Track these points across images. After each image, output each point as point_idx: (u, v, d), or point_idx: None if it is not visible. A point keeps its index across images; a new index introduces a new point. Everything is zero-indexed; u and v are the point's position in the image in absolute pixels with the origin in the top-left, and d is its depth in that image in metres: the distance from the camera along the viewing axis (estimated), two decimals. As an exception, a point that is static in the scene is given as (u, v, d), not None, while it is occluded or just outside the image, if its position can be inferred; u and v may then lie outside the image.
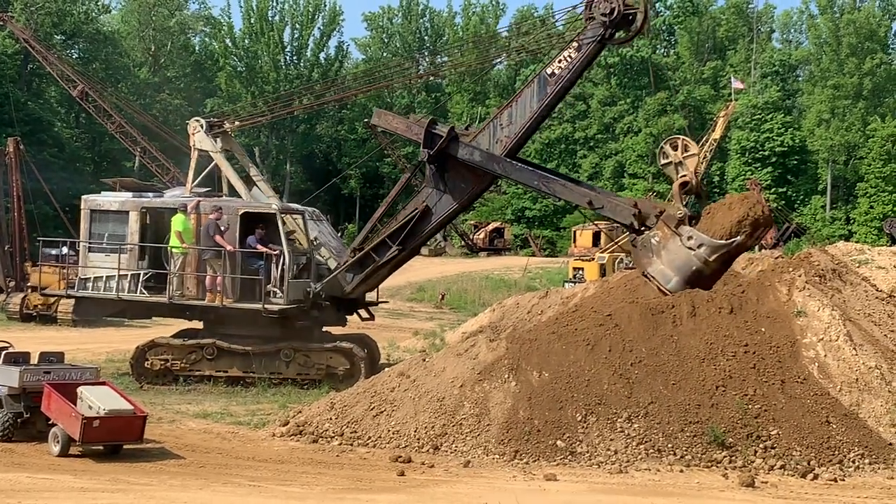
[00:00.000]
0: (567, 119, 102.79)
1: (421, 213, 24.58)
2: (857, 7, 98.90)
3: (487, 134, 23.67)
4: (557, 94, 23.33)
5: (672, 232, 20.92)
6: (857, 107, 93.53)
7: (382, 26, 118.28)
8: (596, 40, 22.55)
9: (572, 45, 22.79)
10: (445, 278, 63.39)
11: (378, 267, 25.35)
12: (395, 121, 25.62)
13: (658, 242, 21.11)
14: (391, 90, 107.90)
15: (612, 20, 22.26)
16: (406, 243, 24.95)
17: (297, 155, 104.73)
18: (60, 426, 17.29)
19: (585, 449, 17.29)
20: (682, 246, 20.72)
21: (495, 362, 18.96)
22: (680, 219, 21.07)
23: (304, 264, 26.08)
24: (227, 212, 25.76)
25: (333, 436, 18.70)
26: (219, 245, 25.33)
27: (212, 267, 25.56)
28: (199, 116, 28.91)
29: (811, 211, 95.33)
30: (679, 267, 20.69)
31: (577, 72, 23.15)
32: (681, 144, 22.75)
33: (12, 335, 26.05)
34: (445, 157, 23.98)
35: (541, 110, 23.31)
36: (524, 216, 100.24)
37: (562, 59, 22.89)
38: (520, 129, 23.29)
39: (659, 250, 21.07)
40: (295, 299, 25.43)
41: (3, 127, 65.50)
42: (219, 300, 25.41)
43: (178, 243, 25.61)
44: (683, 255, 20.74)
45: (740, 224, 20.68)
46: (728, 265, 21.78)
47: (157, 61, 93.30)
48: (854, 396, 17.78)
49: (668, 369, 18.16)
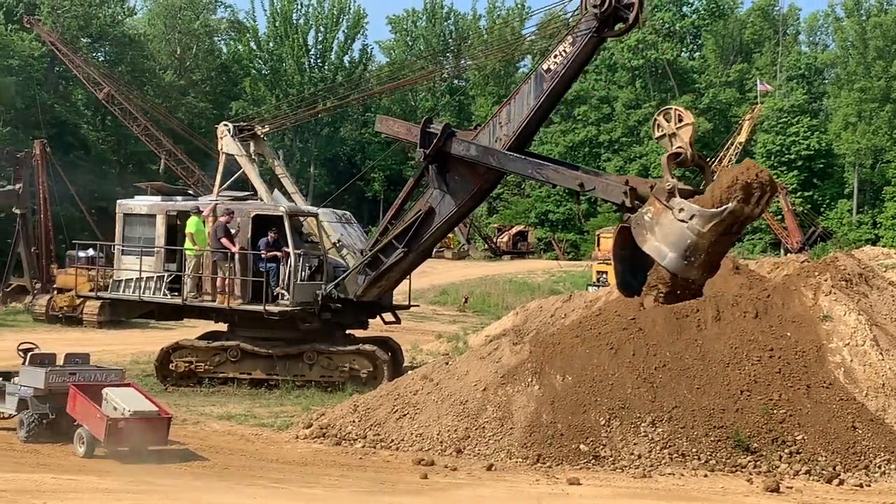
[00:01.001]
0: (592, 122, 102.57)
1: (425, 214, 24.50)
2: (885, 9, 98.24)
3: (487, 132, 23.51)
4: (555, 90, 22.79)
5: (664, 206, 19.93)
6: (884, 110, 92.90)
7: (406, 29, 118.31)
8: (590, 33, 21.99)
9: (567, 40, 22.32)
10: (469, 281, 63.37)
11: (387, 269, 25.27)
12: (396, 125, 25.67)
13: (651, 218, 20.09)
14: (415, 93, 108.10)
15: (604, 11, 21.65)
16: (411, 245, 24.82)
17: (321, 158, 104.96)
18: (85, 427, 17.38)
19: (609, 453, 17.24)
20: (675, 219, 19.71)
21: (518, 366, 18.93)
22: (669, 191, 19.97)
23: (316, 266, 26.13)
24: (239, 214, 25.98)
25: (357, 438, 18.72)
26: (225, 247, 25.54)
27: (220, 269, 25.77)
28: (226, 121, 29.15)
29: (837, 215, 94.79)
30: (674, 242, 19.72)
31: (574, 67, 22.57)
32: (674, 115, 21.15)
33: (38, 336, 26.22)
34: (444, 156, 23.83)
35: (538, 106, 22.80)
36: (548, 219, 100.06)
37: (557, 55, 22.41)
38: (518, 126, 22.90)
39: (652, 226, 20.03)
40: (302, 301, 25.44)
41: (30, 129, 65.87)
42: (227, 301, 25.60)
43: (190, 245, 25.98)
44: (677, 228, 19.74)
45: (729, 190, 19.54)
46: (731, 238, 20.74)
47: (182, 64, 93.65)
48: (880, 401, 17.65)
49: (693, 373, 18.08)
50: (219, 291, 25.86)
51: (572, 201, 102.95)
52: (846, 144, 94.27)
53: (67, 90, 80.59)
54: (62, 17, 77.30)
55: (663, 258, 19.88)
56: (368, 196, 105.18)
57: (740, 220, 20.16)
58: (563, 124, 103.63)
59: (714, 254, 20.30)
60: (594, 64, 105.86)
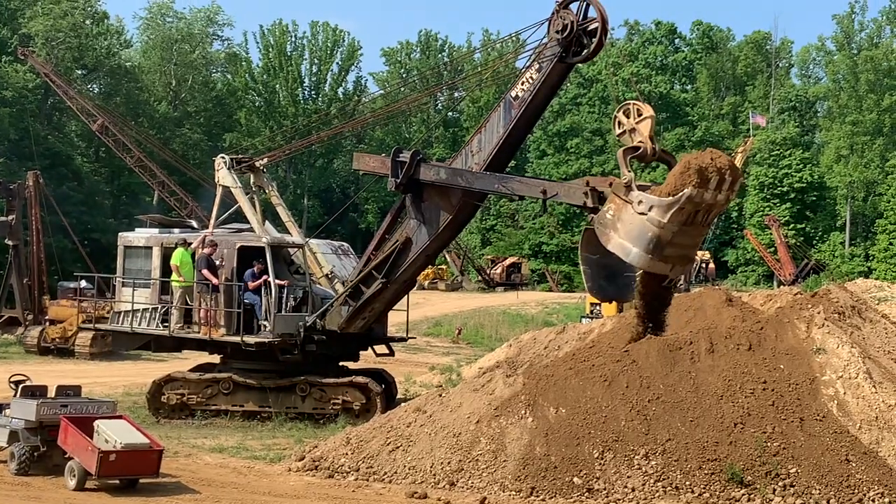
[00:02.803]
0: (584, 154, 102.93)
1: (402, 244, 24.41)
2: (875, 43, 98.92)
3: (460, 161, 23.41)
4: (524, 117, 22.56)
5: (623, 201, 19.41)
6: (875, 143, 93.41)
7: (400, 61, 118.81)
8: (554, 59, 21.77)
9: (533, 66, 22.15)
10: (462, 313, 63.30)
11: (368, 300, 25.12)
12: (371, 161, 25.37)
13: (613, 216, 19.56)
14: (408, 124, 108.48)
15: (566, 37, 21.45)
16: (389, 275, 24.66)
17: (314, 189, 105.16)
18: (77, 460, 17.28)
19: (602, 486, 17.18)
20: (635, 213, 19.17)
21: (512, 398, 18.88)
22: (626, 185, 19.43)
23: (301, 297, 26.07)
24: (225, 246, 26.12)
25: (349, 471, 18.64)
26: (206, 279, 25.62)
27: (203, 300, 25.80)
28: (222, 153, 29.22)
29: (830, 247, 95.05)
30: (636, 236, 19.11)
31: (543, 93, 22.40)
32: (633, 110, 20.42)
33: (30, 368, 26.16)
34: (418, 184, 23.68)
35: (507, 134, 22.56)
36: (541, 251, 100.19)
37: (524, 81, 22.24)
38: (488, 154, 22.70)
39: (615, 223, 19.49)
40: (284, 333, 25.38)
41: (24, 160, 65.90)
42: (209, 333, 25.63)
43: (176, 277, 26.12)
44: (637, 222, 19.16)
45: (683, 175, 18.78)
46: (699, 229, 20.01)
47: (177, 96, 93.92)
48: (874, 434, 17.63)
49: (686, 406, 18.05)
50: (202, 323, 25.91)
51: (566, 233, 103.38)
52: (838, 177, 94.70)
53: (61, 121, 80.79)
54: (57, 48, 77.54)
55: (628, 254, 19.32)
56: (362, 227, 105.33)
57: (704, 208, 19.32)
58: (555, 156, 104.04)
59: (682, 246, 19.65)
60: (587, 97, 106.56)
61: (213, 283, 25.63)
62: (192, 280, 25.94)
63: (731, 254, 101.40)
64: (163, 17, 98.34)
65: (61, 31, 77.46)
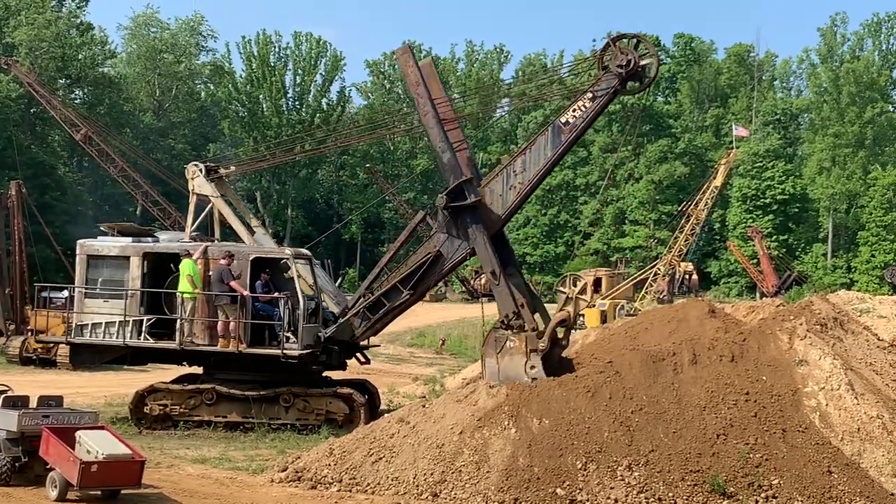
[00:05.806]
0: (568, 166, 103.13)
1: (434, 258, 24.65)
2: (857, 56, 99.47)
3: (501, 181, 23.95)
4: (570, 143, 23.81)
5: (525, 352, 22.07)
6: (857, 155, 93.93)
7: (384, 72, 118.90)
8: (611, 91, 23.05)
9: (586, 96, 23.24)
10: (446, 324, 63.29)
11: (389, 311, 25.36)
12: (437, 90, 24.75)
13: (510, 348, 22.26)
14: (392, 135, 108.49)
15: (629, 71, 22.77)
16: (416, 288, 25.00)
17: (298, 200, 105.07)
18: (58, 470, 17.20)
19: (586, 497, 17.18)
20: (523, 368, 21.82)
21: (495, 409, 18.90)
22: (537, 350, 22.06)
23: (313, 309, 25.99)
24: (239, 257, 25.69)
25: (332, 482, 18.61)
26: (234, 291, 25.21)
27: (225, 312, 25.41)
28: (198, 161, 28.86)
29: (812, 259, 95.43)
30: (509, 377, 21.42)
31: (590, 121, 23.65)
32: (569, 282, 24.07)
33: (11, 378, 25.98)
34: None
35: (554, 157, 23.75)
36: (525, 262, 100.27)
37: (576, 109, 23.38)
38: (534, 175, 23.69)
39: (505, 354, 22.19)
40: (308, 344, 25.36)
41: (6, 170, 65.67)
42: (233, 346, 25.28)
43: (189, 288, 25.30)
44: (520, 374, 21.69)
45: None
46: None
47: (161, 106, 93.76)
48: (856, 446, 17.69)
49: (669, 417, 18.09)
50: (221, 335, 25.54)
51: (549, 244, 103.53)
52: (821, 189, 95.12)
53: (44, 131, 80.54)
54: (40, 58, 77.34)
55: (491, 377, 21.74)
56: (346, 238, 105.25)
57: None
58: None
59: None
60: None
61: (243, 294, 25.25)
62: (205, 292, 25.54)
63: (714, 265, 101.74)
64: (147, 27, 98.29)
65: (45, 41, 77.29)
